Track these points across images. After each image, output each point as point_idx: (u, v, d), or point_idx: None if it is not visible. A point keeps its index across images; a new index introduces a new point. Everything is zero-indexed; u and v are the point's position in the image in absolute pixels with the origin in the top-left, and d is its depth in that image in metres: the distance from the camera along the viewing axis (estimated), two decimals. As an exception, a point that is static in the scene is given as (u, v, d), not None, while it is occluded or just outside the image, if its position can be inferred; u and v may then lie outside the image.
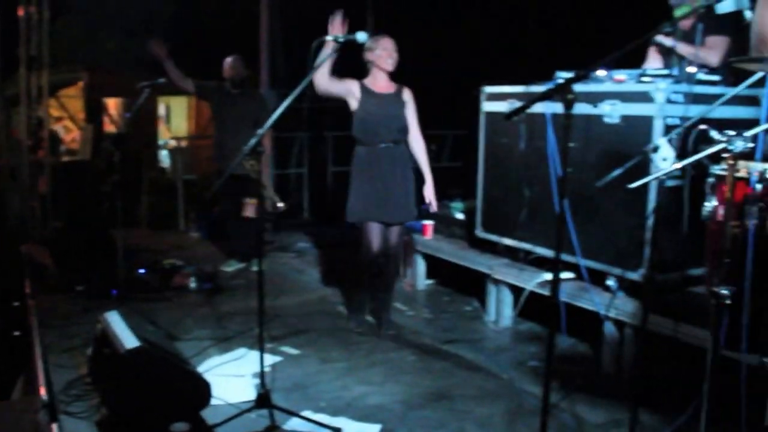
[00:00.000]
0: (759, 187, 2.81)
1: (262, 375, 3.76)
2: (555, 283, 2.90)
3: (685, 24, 4.85)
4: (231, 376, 4.36)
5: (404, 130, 5.07)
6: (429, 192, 5.22)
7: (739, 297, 2.82)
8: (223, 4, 9.50)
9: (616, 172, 3.33)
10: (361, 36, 4.24)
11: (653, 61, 5.17)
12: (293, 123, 8.78)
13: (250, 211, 6.68)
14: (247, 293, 6.10)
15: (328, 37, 4.21)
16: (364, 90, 4.99)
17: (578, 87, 4.61)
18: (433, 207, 5.28)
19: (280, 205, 7.76)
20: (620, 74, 4.63)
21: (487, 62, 8.68)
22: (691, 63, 4.59)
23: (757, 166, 2.80)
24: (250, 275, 6.77)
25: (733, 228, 2.96)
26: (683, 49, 4.74)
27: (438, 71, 8.76)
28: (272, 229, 8.60)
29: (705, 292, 2.95)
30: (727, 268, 2.92)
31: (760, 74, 3.18)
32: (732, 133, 2.55)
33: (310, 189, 9.89)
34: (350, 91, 4.99)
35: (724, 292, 2.54)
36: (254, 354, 4.41)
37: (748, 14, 2.98)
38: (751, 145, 2.60)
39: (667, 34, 4.80)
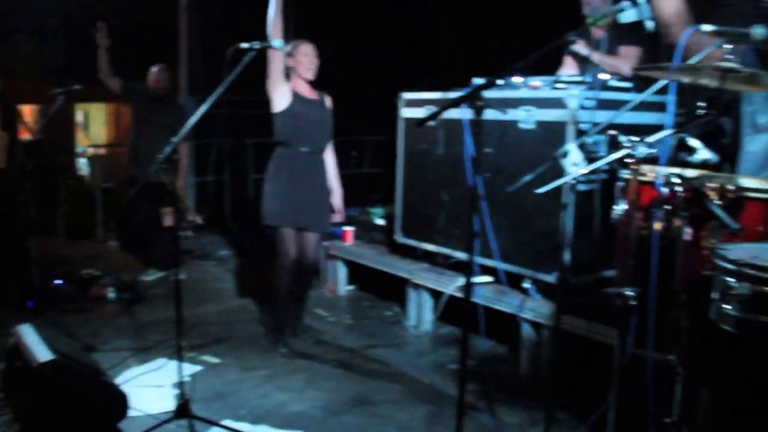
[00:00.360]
0: (665, 190, 2.89)
1: (181, 385, 3.72)
2: (468, 285, 2.96)
3: (598, 33, 4.99)
4: (150, 387, 4.31)
5: (328, 138, 5.06)
6: (338, 201, 5.21)
7: (646, 297, 2.92)
8: (141, 9, 9.36)
9: (528, 177, 3.40)
10: (277, 43, 4.25)
11: (569, 68, 5.30)
12: (213, 130, 8.69)
13: (167, 220, 6.60)
14: (167, 302, 6.01)
15: (244, 45, 4.16)
16: (294, 92, 4.89)
17: (495, 93, 4.76)
18: (341, 217, 5.29)
19: (196, 218, 7.66)
20: (536, 80, 4.74)
21: (408, 68, 8.78)
22: (604, 70, 4.72)
23: (663, 170, 2.89)
24: (171, 284, 6.66)
25: (640, 230, 3.06)
26: (598, 58, 4.87)
27: (360, 77, 8.78)
28: (192, 238, 8.50)
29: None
30: (632, 269, 3.03)
31: (664, 82, 3.29)
32: (636, 139, 2.64)
33: (231, 196, 9.79)
34: (285, 84, 4.87)
35: (629, 293, 2.63)
36: (174, 364, 4.37)
37: (649, 24, 3.08)
38: (653, 150, 2.69)
39: (573, 43, 4.94)
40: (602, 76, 4.60)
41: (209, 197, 9.63)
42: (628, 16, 3.02)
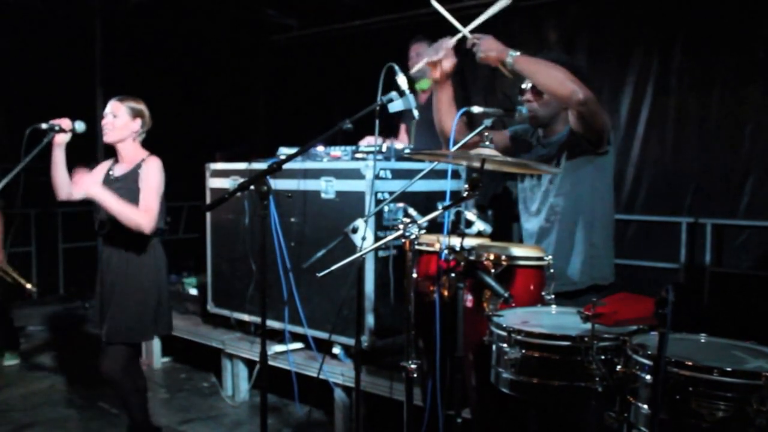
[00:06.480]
0: (449, 259, 3.08)
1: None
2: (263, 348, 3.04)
3: (422, 98, 5.18)
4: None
5: None
6: None
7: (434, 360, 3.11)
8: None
9: (320, 253, 3.53)
10: (79, 125, 4.02)
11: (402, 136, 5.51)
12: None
13: None
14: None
15: (44, 125, 3.88)
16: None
17: (297, 164, 4.87)
18: None
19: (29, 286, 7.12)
20: (336, 150, 4.88)
21: (221, 133, 8.83)
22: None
23: (446, 241, 3.09)
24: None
25: (427, 297, 3.25)
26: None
27: (174, 141, 8.68)
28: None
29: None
30: (422, 334, 3.22)
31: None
32: (407, 220, 2.81)
33: (38, 267, 9.31)
34: None
35: (412, 366, 2.78)
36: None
37: (415, 113, 3.28)
38: (424, 230, 2.88)
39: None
40: (398, 145, 4.82)
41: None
42: (396, 106, 3.21)
